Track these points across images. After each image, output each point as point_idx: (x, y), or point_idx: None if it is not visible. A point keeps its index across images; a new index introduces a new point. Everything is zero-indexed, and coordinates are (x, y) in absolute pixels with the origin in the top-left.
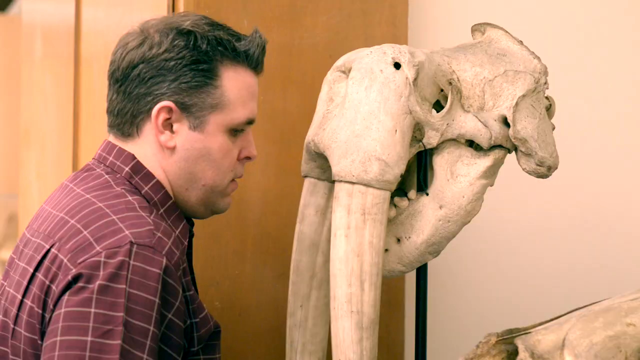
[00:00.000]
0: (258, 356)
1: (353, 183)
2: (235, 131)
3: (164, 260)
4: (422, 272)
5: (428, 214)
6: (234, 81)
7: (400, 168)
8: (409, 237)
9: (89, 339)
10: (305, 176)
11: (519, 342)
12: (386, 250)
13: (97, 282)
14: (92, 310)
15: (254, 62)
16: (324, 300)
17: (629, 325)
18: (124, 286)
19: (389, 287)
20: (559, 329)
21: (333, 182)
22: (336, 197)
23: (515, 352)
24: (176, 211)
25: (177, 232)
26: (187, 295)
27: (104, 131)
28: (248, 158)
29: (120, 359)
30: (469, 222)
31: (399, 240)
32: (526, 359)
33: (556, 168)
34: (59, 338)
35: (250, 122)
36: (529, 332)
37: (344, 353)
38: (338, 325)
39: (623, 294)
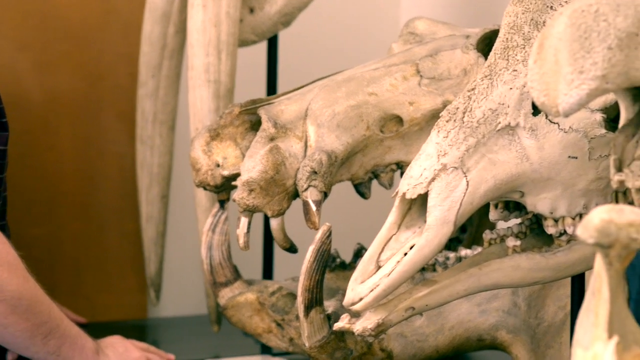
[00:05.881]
0: None
1: None
2: None
3: None
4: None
5: None
6: None
7: None
8: (263, 8)
9: None
10: None
11: (262, 112)
12: (240, 20)
13: None
14: None
15: None
16: (176, 71)
17: (370, 95)
18: None
19: None
20: (302, 98)
21: None
22: None
23: (258, 123)
24: None
25: None
26: None
27: None
28: None
29: None
30: None
31: (252, 10)
32: (269, 129)
33: None
34: None
35: None
36: (272, 103)
37: (200, 122)
38: (195, 95)
39: (365, 64)
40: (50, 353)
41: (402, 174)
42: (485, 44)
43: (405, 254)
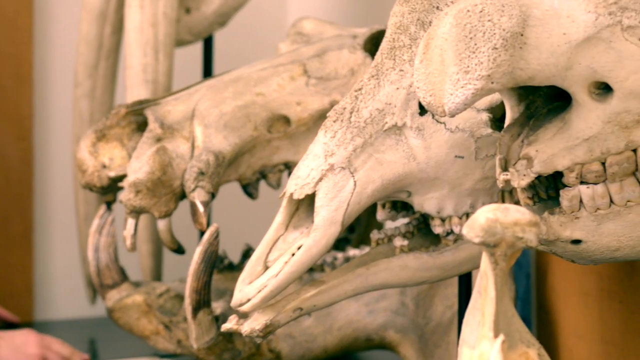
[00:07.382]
0: None
1: None
2: None
3: None
4: None
5: None
6: None
7: None
8: (199, 8)
9: None
10: None
11: (149, 113)
12: (177, 20)
13: None
14: None
15: None
16: (112, 70)
17: (258, 95)
18: None
19: None
20: (189, 99)
21: None
22: None
23: (145, 123)
24: None
25: None
26: None
27: None
28: None
29: None
30: None
31: (188, 10)
32: (156, 130)
33: None
34: None
35: None
36: (159, 103)
37: None
38: (133, 94)
39: (252, 64)
40: None
41: (289, 174)
42: (373, 44)
43: (293, 254)
